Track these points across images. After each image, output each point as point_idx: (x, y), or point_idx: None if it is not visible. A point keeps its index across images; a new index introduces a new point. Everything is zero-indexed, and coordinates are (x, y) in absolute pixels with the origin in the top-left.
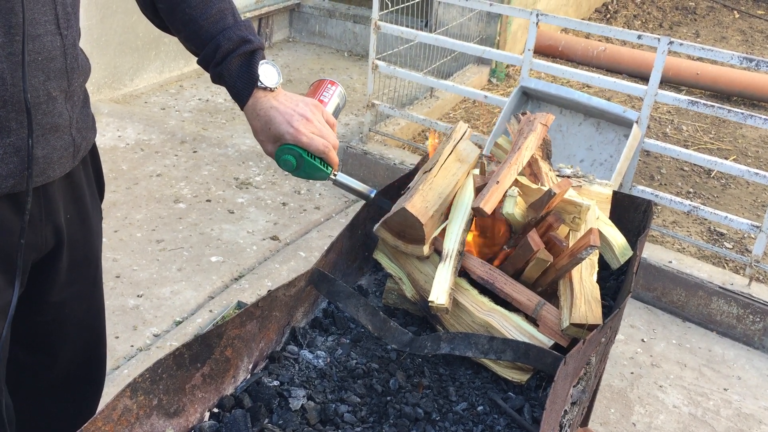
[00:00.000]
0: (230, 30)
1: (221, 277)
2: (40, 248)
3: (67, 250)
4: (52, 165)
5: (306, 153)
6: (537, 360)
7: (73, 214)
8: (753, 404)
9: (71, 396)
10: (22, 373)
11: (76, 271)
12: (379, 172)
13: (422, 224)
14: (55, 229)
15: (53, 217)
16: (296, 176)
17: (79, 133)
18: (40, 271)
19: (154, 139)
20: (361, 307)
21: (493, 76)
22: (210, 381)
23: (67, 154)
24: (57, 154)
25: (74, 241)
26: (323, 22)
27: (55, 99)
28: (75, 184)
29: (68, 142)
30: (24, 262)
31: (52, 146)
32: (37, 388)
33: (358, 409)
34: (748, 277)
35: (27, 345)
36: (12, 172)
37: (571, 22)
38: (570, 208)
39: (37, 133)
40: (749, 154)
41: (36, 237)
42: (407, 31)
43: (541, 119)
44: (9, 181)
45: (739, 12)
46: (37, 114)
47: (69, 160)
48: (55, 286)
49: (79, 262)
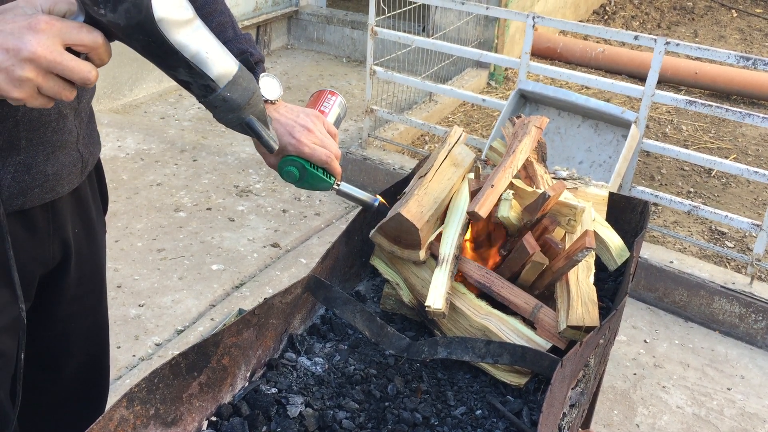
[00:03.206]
0: (230, 44)
1: (222, 285)
2: (48, 263)
3: (75, 265)
4: (61, 181)
5: (309, 164)
6: (534, 363)
7: (80, 228)
8: (757, 403)
9: (73, 412)
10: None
11: (84, 285)
12: (379, 178)
13: (418, 229)
14: (63, 244)
15: (61, 232)
16: (299, 187)
17: (86, 149)
18: (48, 285)
19: (154, 148)
20: (358, 313)
21: (491, 80)
22: (207, 390)
23: (75, 170)
24: (66, 171)
25: (81, 255)
26: (321, 28)
27: (65, 117)
28: (81, 199)
29: (76, 158)
30: (31, 277)
31: (61, 163)
32: (38, 405)
33: (356, 415)
34: (750, 276)
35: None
36: (23, 190)
37: (568, 24)
38: (565, 210)
39: (47, 151)
40: (749, 153)
41: (44, 252)
42: (404, 36)
43: (535, 122)
44: (20, 199)
45: (737, 11)
46: (47, 131)
47: (77, 176)
48: (62, 300)
49: (86, 276)
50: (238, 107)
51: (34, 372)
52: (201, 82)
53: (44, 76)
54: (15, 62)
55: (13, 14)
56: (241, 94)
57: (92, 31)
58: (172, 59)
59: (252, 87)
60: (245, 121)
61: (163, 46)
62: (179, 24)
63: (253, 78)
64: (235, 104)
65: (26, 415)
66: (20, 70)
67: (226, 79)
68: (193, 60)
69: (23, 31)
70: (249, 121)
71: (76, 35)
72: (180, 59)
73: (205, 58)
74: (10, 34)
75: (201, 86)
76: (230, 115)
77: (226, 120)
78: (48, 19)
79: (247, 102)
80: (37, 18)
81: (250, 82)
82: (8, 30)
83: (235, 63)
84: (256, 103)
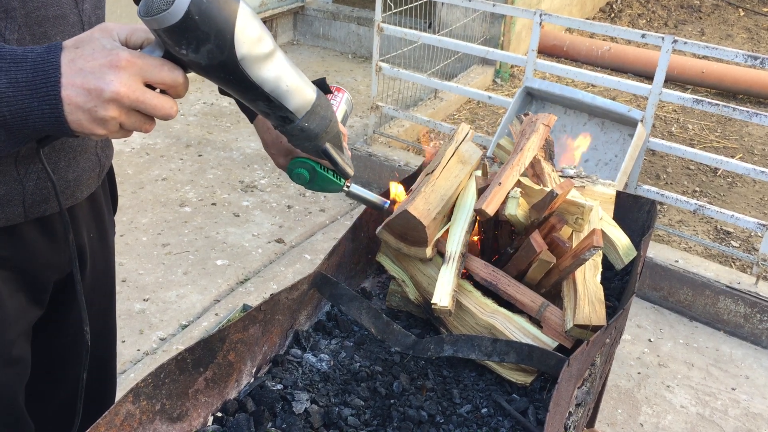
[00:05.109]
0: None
1: (227, 281)
2: (62, 269)
3: (90, 269)
4: (80, 186)
5: (319, 166)
6: (541, 362)
7: (94, 232)
8: (761, 404)
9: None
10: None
11: (96, 290)
12: (384, 174)
13: (425, 226)
14: (78, 249)
15: (76, 237)
16: (309, 189)
17: (103, 152)
18: (62, 291)
19: (159, 143)
20: (364, 310)
21: (497, 77)
22: (213, 385)
23: (93, 175)
24: (85, 176)
25: (95, 259)
26: (327, 24)
27: None
28: (96, 203)
29: (95, 162)
30: (45, 283)
31: (81, 168)
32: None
33: (361, 412)
34: (756, 276)
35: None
36: (45, 197)
37: (575, 22)
38: (573, 208)
39: (69, 156)
40: (755, 152)
41: (59, 257)
42: (411, 33)
43: (543, 120)
44: (42, 206)
45: (744, 10)
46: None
47: (95, 181)
48: (76, 306)
49: (99, 280)
50: (316, 136)
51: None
52: (279, 114)
53: (127, 114)
54: (98, 103)
55: (92, 49)
56: (318, 123)
57: (173, 70)
58: (252, 93)
59: (329, 115)
60: (322, 149)
61: (244, 82)
62: (260, 59)
63: (330, 105)
64: (313, 134)
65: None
66: (103, 110)
67: (304, 110)
68: (273, 94)
69: (104, 69)
70: (325, 150)
71: (157, 74)
72: (260, 94)
73: (285, 91)
74: (90, 73)
75: (279, 117)
76: (307, 143)
77: (303, 147)
78: (128, 56)
79: (324, 130)
80: (118, 55)
81: (327, 109)
82: (89, 69)
83: (313, 91)
84: (333, 129)
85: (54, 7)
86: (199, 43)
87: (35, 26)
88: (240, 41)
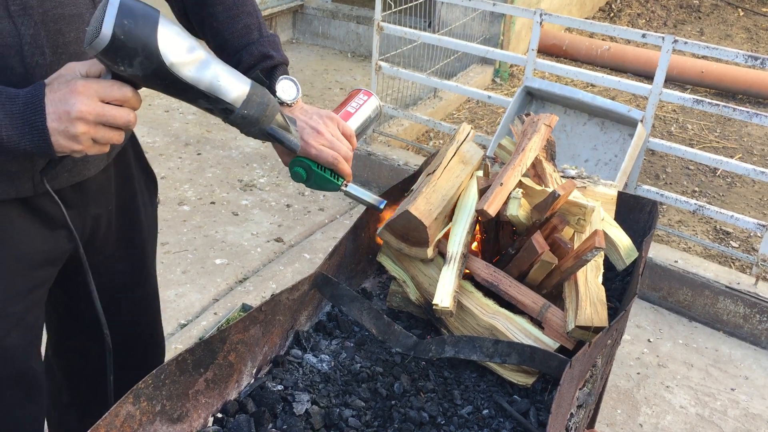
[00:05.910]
0: (253, 45)
1: (226, 280)
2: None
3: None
4: (87, 165)
5: (315, 165)
6: (542, 363)
7: (114, 205)
8: (760, 404)
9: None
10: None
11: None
12: (384, 173)
13: (426, 227)
14: (95, 219)
15: (89, 209)
16: (308, 187)
17: None
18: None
19: (158, 141)
20: (365, 311)
21: (496, 76)
22: (213, 386)
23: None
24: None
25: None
26: (326, 23)
27: None
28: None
29: None
30: (59, 252)
31: None
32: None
33: (362, 413)
34: (755, 277)
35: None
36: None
37: (574, 22)
38: (575, 209)
39: None
40: (755, 153)
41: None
42: (410, 32)
43: (544, 120)
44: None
45: (743, 10)
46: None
47: (103, 159)
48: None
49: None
50: (257, 121)
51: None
52: (220, 107)
53: (95, 128)
54: (68, 123)
55: (58, 83)
56: (257, 109)
57: (122, 87)
58: (191, 93)
59: (266, 100)
60: (266, 131)
61: (179, 84)
62: (189, 63)
63: (266, 92)
64: (254, 119)
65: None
66: (74, 128)
67: (240, 99)
68: (208, 91)
69: (67, 96)
70: (270, 130)
71: (109, 92)
72: (197, 92)
73: (218, 86)
74: (58, 101)
75: (221, 110)
76: (252, 129)
77: (250, 133)
78: (84, 82)
79: (263, 114)
80: (75, 83)
81: (263, 96)
82: (56, 99)
83: (246, 83)
84: (273, 113)
85: (71, 6)
86: (131, 58)
87: (51, 24)
88: (165, 50)
